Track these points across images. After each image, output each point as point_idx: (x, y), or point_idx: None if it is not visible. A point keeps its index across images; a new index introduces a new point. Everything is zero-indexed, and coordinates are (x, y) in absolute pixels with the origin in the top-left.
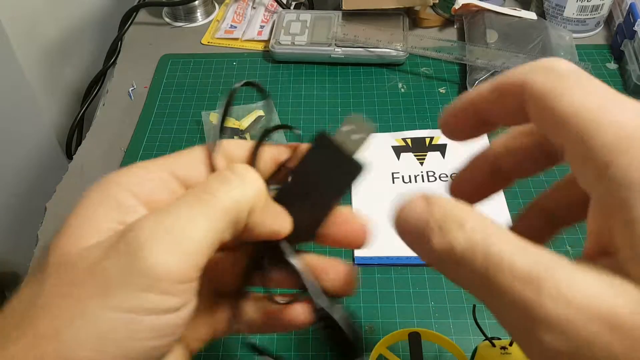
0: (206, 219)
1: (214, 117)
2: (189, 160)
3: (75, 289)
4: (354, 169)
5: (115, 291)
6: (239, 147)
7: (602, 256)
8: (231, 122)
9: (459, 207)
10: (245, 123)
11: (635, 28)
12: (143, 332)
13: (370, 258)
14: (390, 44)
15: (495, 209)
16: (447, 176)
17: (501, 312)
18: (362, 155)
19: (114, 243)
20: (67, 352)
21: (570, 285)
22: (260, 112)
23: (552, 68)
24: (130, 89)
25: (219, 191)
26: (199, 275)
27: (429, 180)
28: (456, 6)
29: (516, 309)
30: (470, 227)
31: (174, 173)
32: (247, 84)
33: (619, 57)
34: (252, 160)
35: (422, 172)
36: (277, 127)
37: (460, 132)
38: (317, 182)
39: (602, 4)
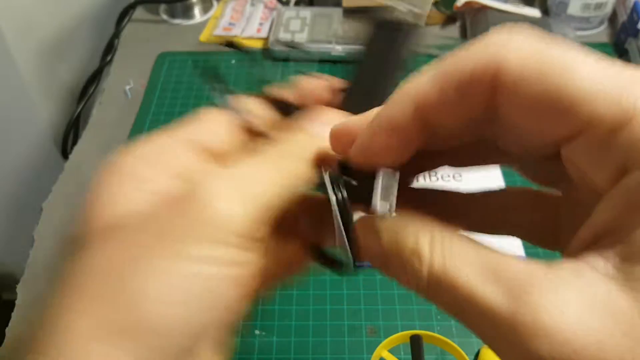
0: (277, 171)
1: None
2: (207, 127)
3: (141, 249)
4: (406, 33)
5: (187, 244)
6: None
7: (604, 240)
8: None
9: (410, 230)
10: None
11: (639, 26)
12: (217, 282)
13: None
14: None
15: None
16: (449, 176)
17: (489, 345)
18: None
19: (180, 198)
20: (140, 311)
21: (549, 315)
22: None
23: (517, 40)
24: (127, 87)
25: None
26: (267, 229)
27: (431, 180)
28: (458, 3)
29: (500, 348)
30: (429, 257)
31: (193, 141)
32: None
33: (623, 55)
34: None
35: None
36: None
37: (394, 151)
38: (377, 66)
39: (606, 2)
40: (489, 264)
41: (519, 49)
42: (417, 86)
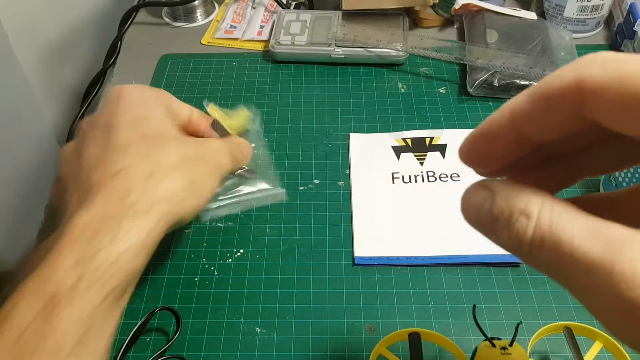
0: None
1: (212, 109)
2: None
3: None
4: None
5: None
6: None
7: None
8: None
9: (523, 195)
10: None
11: (635, 28)
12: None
13: (370, 258)
14: (390, 44)
15: None
16: (446, 176)
17: (580, 297)
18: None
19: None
20: None
21: None
22: (249, 112)
23: (599, 59)
24: None
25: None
26: None
27: (429, 181)
28: (456, 6)
29: (593, 296)
30: (537, 216)
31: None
32: None
33: None
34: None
35: (422, 172)
36: None
37: (494, 159)
38: None
39: (602, 4)
40: (592, 225)
41: (600, 63)
42: (514, 100)
